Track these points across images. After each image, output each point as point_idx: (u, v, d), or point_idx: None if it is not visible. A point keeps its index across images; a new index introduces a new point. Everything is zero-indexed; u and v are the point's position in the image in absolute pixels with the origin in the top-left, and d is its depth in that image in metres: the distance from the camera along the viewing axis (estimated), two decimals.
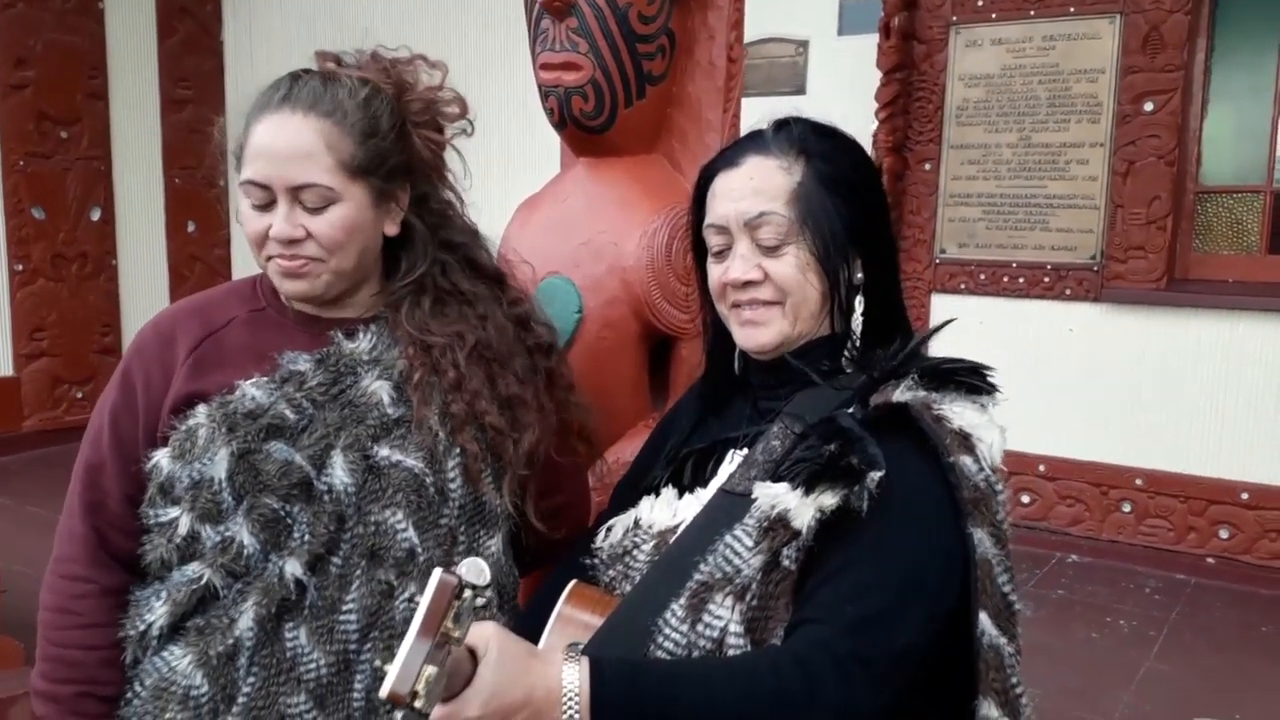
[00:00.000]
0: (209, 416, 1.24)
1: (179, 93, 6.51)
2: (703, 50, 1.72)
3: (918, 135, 4.49)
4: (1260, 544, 4.00)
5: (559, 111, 1.65)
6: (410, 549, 1.24)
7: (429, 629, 0.86)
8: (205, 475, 1.22)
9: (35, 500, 4.96)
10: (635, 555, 1.17)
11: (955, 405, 1.06)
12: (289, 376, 1.27)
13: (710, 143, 1.75)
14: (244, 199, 1.26)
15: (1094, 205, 4.18)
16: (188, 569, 1.23)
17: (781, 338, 1.17)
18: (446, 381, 1.31)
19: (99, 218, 6.12)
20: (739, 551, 1.02)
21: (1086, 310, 4.26)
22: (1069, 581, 4.06)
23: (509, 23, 5.22)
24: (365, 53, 1.34)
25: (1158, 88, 4.01)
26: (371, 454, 1.25)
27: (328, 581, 1.22)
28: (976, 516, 1.02)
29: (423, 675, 0.84)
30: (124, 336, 6.29)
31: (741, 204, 1.16)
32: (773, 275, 1.15)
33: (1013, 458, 4.34)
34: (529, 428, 1.36)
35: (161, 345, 1.31)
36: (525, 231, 1.77)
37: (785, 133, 1.19)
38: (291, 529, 1.22)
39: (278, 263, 1.26)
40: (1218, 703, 3.07)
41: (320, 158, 1.24)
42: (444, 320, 1.35)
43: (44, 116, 5.78)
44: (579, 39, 1.59)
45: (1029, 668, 3.16)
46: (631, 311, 1.65)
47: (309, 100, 1.25)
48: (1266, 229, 4.09)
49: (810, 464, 1.00)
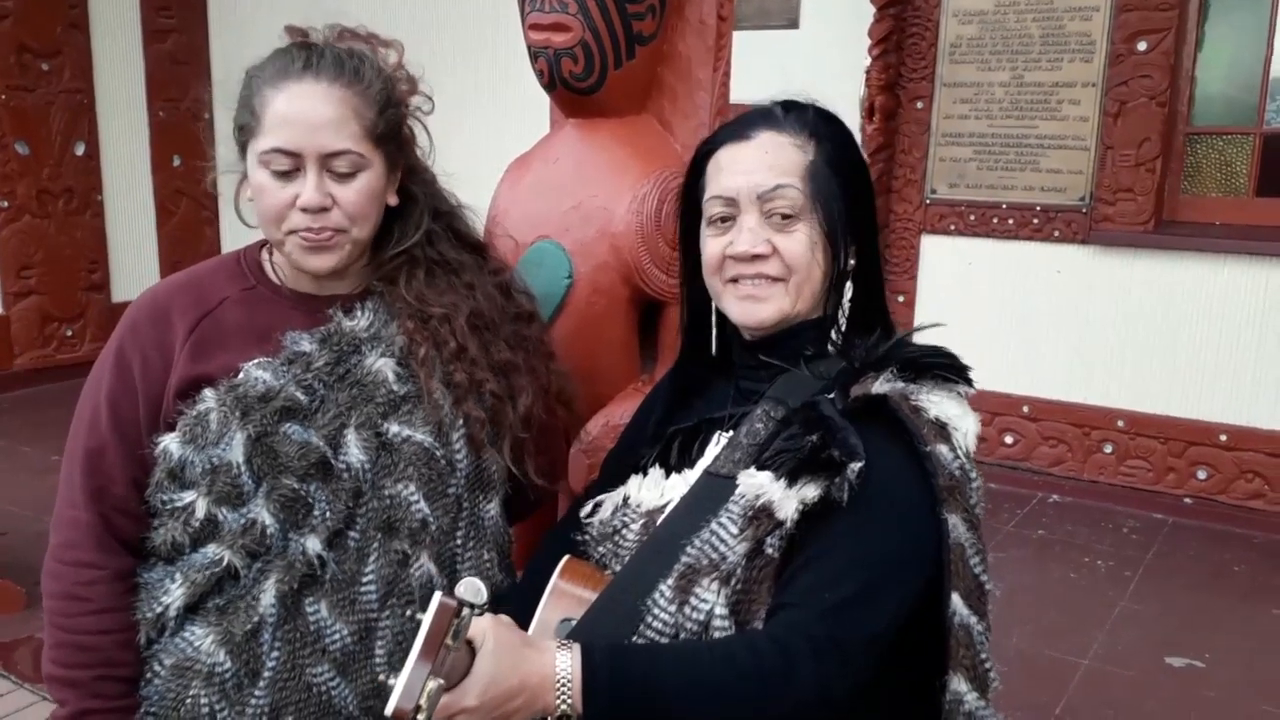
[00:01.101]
0: (219, 401, 1.26)
1: (161, 22, 6.39)
2: (693, 8, 1.71)
3: (911, 72, 4.45)
4: (1236, 484, 4.08)
5: (548, 73, 1.64)
6: (423, 519, 1.29)
7: (430, 650, 0.90)
8: (223, 460, 1.24)
9: (28, 439, 4.99)
10: (624, 534, 1.21)
11: (933, 395, 1.10)
12: (295, 358, 1.30)
13: (700, 101, 1.75)
14: (259, 170, 1.26)
15: (1084, 146, 4.17)
16: (206, 551, 1.25)
17: (781, 315, 1.19)
18: (448, 351, 1.35)
19: (83, 152, 6.04)
20: (724, 539, 1.06)
21: (1074, 252, 4.27)
22: (1049, 521, 4.14)
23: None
24: (334, 28, 1.35)
25: (1152, 26, 3.97)
26: (383, 431, 1.29)
27: (346, 555, 1.27)
28: (951, 503, 1.07)
29: (425, 691, 0.88)
30: (112, 273, 6.27)
31: (755, 176, 1.18)
32: (781, 250, 1.17)
33: (997, 398, 4.43)
34: (523, 391, 1.41)
35: (156, 326, 1.31)
36: (516, 193, 1.77)
37: (798, 113, 1.22)
38: (311, 507, 1.25)
39: (303, 236, 1.27)
40: (1189, 642, 3.16)
41: (350, 124, 1.27)
42: (437, 290, 1.38)
43: (24, 49, 5.67)
44: (568, 0, 1.58)
45: (1008, 606, 3.24)
46: (621, 277, 1.67)
47: (334, 70, 1.28)
48: (1255, 171, 4.09)
49: (793, 455, 1.04)
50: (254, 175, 1.28)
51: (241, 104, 1.30)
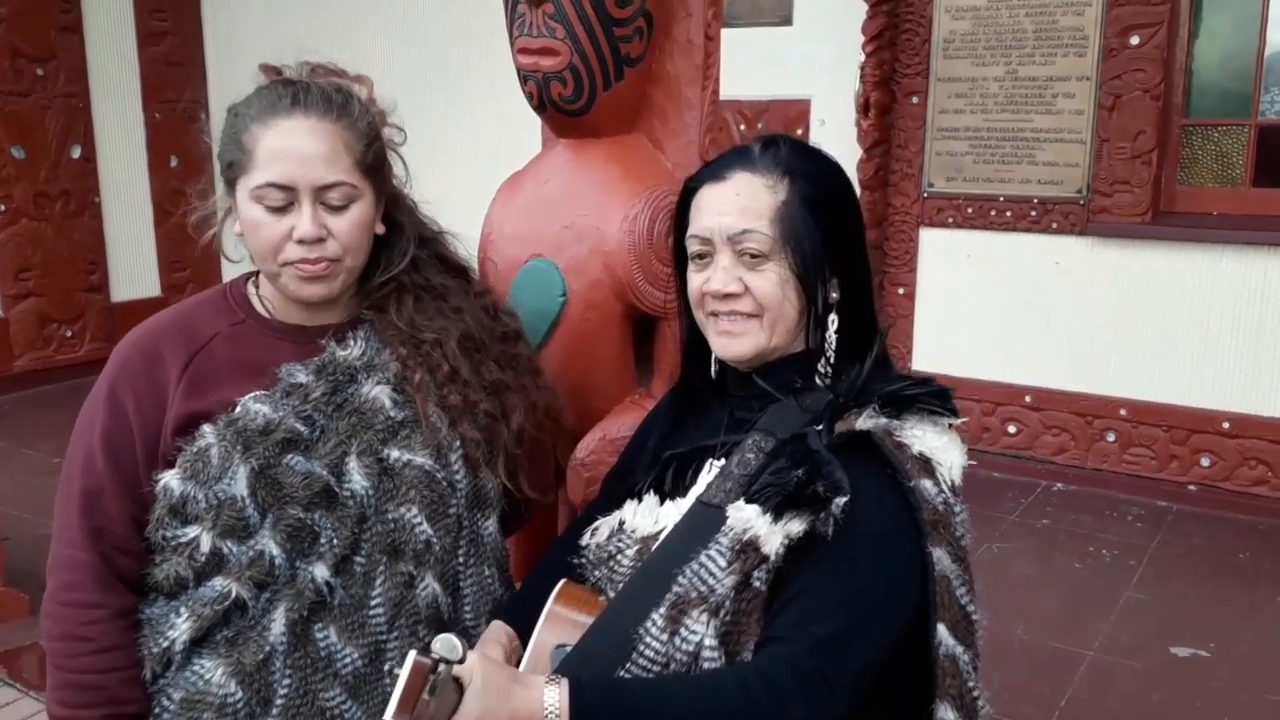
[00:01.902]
0: (218, 436, 1.27)
1: (155, 24, 6.38)
2: (680, 29, 1.71)
3: (905, 68, 4.44)
4: (1240, 471, 4.09)
5: (538, 95, 1.65)
6: (426, 540, 1.32)
7: (406, 707, 0.92)
8: (227, 494, 1.25)
9: (29, 442, 5.01)
10: (619, 560, 1.23)
11: (917, 429, 1.12)
12: (292, 389, 1.31)
13: (690, 120, 1.75)
14: (253, 206, 1.28)
15: (1080, 139, 4.17)
16: (213, 584, 1.26)
17: (757, 349, 1.22)
18: (441, 375, 1.37)
19: (80, 155, 6.05)
20: (713, 571, 1.08)
21: (1072, 243, 4.27)
22: (1054, 510, 4.16)
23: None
24: (305, 65, 1.38)
25: (1144, 21, 3.96)
26: (384, 456, 1.31)
27: (353, 580, 1.29)
28: (935, 536, 1.08)
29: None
30: (110, 274, 6.28)
31: (726, 219, 1.20)
32: (753, 289, 1.20)
33: (1000, 388, 4.44)
34: (515, 409, 1.44)
35: (148, 364, 1.32)
36: (508, 212, 1.78)
37: (772, 152, 1.23)
38: (318, 536, 1.27)
39: (299, 268, 1.29)
40: (1194, 632, 3.17)
41: (342, 157, 1.30)
42: (427, 315, 1.41)
43: (18, 54, 5.68)
44: (555, 24, 1.58)
45: (1013, 598, 3.26)
46: (614, 293, 1.68)
47: (323, 105, 1.31)
48: (1251, 162, 4.08)
49: (779, 489, 1.05)
50: (247, 210, 1.29)
51: (229, 141, 1.31)
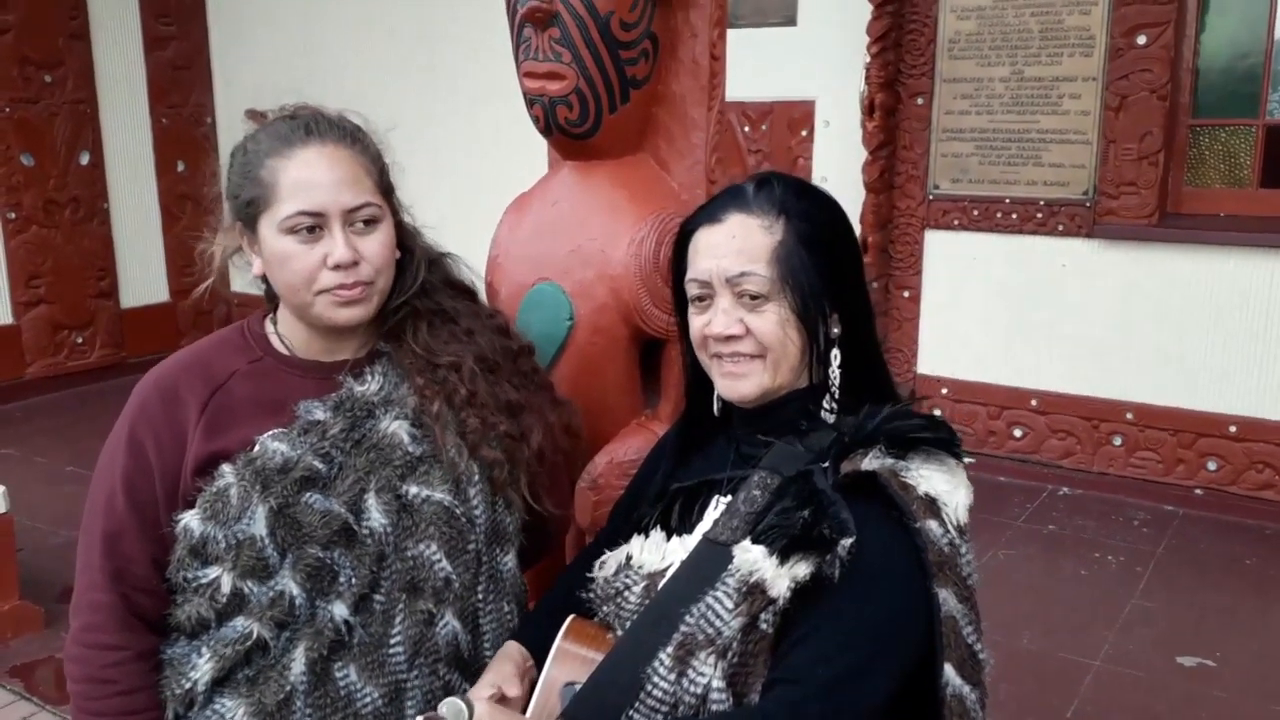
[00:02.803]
0: (237, 475, 1.27)
1: (161, 29, 6.41)
2: (686, 49, 1.71)
3: (910, 69, 4.43)
4: (1247, 475, 4.08)
5: (544, 119, 1.65)
6: (446, 577, 1.31)
7: None
8: (246, 534, 1.25)
9: (41, 449, 5.04)
10: (627, 596, 1.23)
11: (922, 470, 1.12)
12: (310, 427, 1.31)
13: (696, 140, 1.75)
14: (282, 239, 1.29)
15: (1086, 140, 4.16)
16: (235, 624, 1.27)
17: (762, 390, 1.22)
18: (459, 399, 1.37)
19: (88, 161, 6.08)
20: (720, 613, 1.08)
21: (1079, 245, 4.27)
22: (1059, 515, 4.15)
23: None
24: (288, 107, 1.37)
25: (1151, 20, 3.95)
26: (402, 493, 1.31)
27: (372, 618, 1.29)
28: (941, 577, 1.09)
29: None
30: (120, 279, 6.31)
31: (724, 261, 1.21)
32: (754, 330, 1.20)
33: (1005, 391, 4.44)
34: (533, 429, 1.44)
35: (167, 405, 1.33)
36: (516, 235, 1.79)
37: (766, 192, 1.23)
38: (337, 574, 1.27)
39: (336, 294, 1.30)
40: (1200, 641, 3.17)
41: (363, 180, 1.32)
42: (441, 340, 1.41)
43: (26, 61, 5.70)
44: (562, 49, 1.59)
45: (1019, 606, 3.26)
46: (621, 317, 1.68)
47: (336, 133, 1.32)
48: (1259, 162, 4.07)
49: (785, 531, 1.06)
50: (275, 245, 1.29)
51: (243, 179, 1.31)
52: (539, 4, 1.55)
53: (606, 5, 1.57)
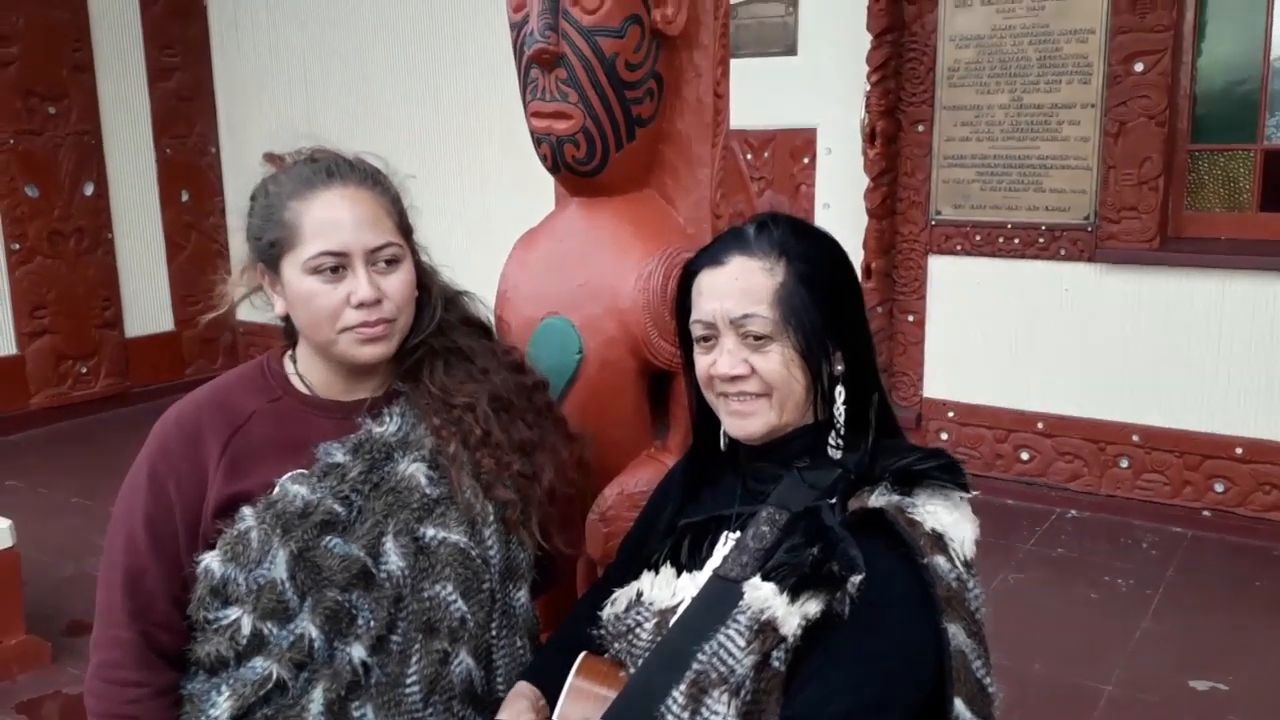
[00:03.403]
0: (258, 519, 1.28)
1: (165, 60, 6.46)
2: (690, 88, 1.73)
3: (910, 97, 4.47)
4: (1254, 497, 4.08)
5: (552, 158, 1.67)
6: (461, 617, 1.32)
7: None
8: (267, 578, 1.26)
9: (45, 481, 5.04)
10: (638, 633, 1.24)
11: (929, 505, 1.13)
12: (329, 469, 1.33)
13: (701, 176, 1.77)
14: (306, 279, 1.30)
15: (1086, 166, 4.19)
16: (255, 665, 1.27)
17: (768, 428, 1.24)
18: (474, 439, 1.39)
19: (92, 192, 6.11)
20: (732, 651, 1.09)
21: (1081, 270, 4.29)
22: (1068, 538, 4.15)
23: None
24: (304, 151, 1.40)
25: (1148, 48, 3.99)
26: (420, 535, 1.33)
27: (389, 659, 1.30)
28: (950, 612, 1.10)
29: None
30: (124, 309, 6.33)
31: (727, 303, 1.22)
32: (759, 370, 1.21)
33: (1012, 415, 4.45)
34: (544, 468, 1.45)
35: (188, 444, 1.34)
36: (524, 270, 1.80)
37: (766, 234, 1.25)
38: (355, 617, 1.28)
39: (359, 332, 1.32)
40: (1212, 664, 3.17)
41: (384, 220, 1.34)
42: (457, 380, 1.43)
43: (31, 93, 5.75)
44: (568, 89, 1.61)
45: (1030, 631, 3.26)
46: (629, 350, 1.69)
47: (357, 175, 1.35)
48: (1258, 186, 4.10)
49: (795, 568, 1.07)
50: (299, 285, 1.31)
51: (265, 222, 1.33)
52: (546, 46, 1.57)
53: (612, 47, 1.58)
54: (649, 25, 1.63)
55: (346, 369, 1.39)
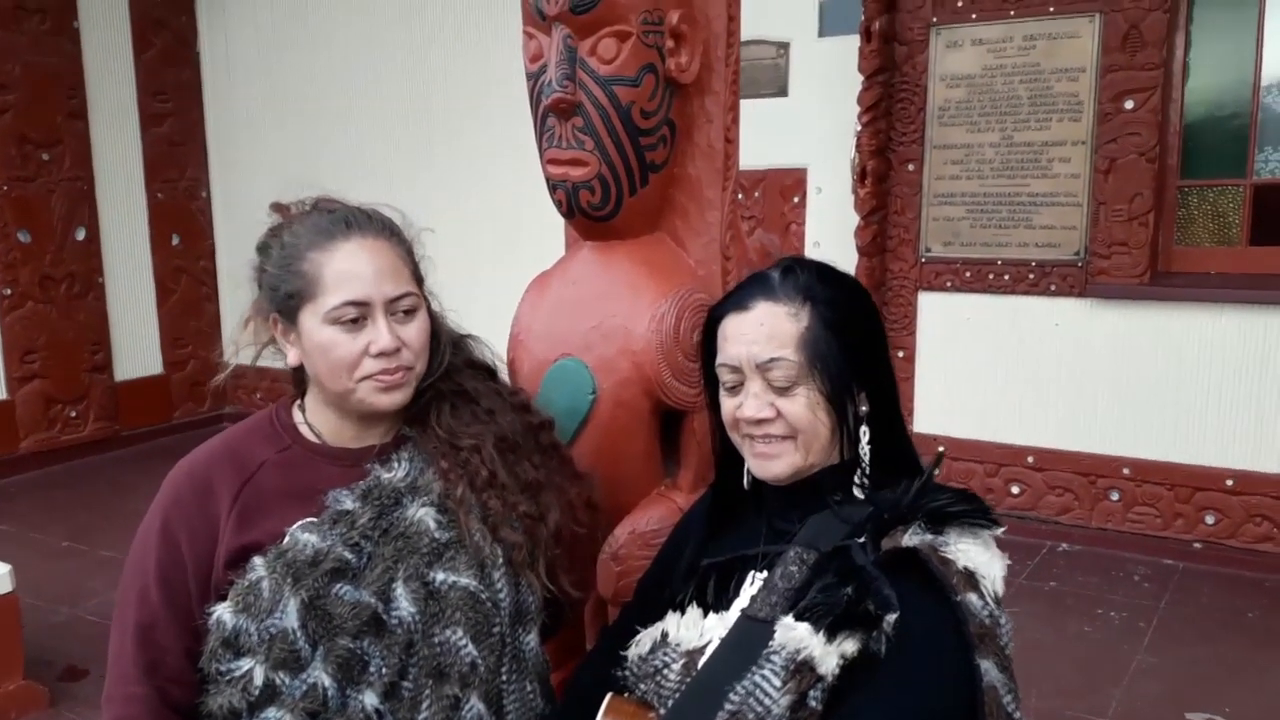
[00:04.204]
0: (269, 569, 1.28)
1: (157, 106, 6.50)
2: (701, 134, 1.77)
3: (901, 136, 4.54)
4: (1245, 528, 4.12)
5: (567, 203, 1.70)
6: (472, 662, 1.32)
7: None
8: (279, 628, 1.26)
9: (37, 525, 5.00)
10: (666, 674, 1.24)
11: (960, 544, 1.15)
12: (339, 517, 1.33)
13: (711, 219, 1.80)
14: (325, 328, 1.32)
15: (1076, 202, 4.25)
16: (267, 716, 1.27)
17: (794, 469, 1.25)
18: (480, 481, 1.39)
19: (84, 237, 6.13)
20: (769, 691, 1.10)
21: (1072, 305, 4.34)
22: (1060, 572, 4.17)
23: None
24: (309, 200, 1.42)
25: (1138, 85, 4.07)
26: (430, 580, 1.32)
27: (400, 705, 1.29)
28: (982, 649, 1.11)
29: None
30: (114, 353, 6.32)
31: (754, 348, 1.24)
32: (785, 413, 1.23)
33: (1002, 449, 4.48)
34: (551, 508, 1.45)
35: (199, 496, 1.34)
36: (537, 313, 1.82)
37: (791, 280, 1.27)
38: (367, 664, 1.28)
39: (379, 379, 1.33)
40: (1208, 695, 3.18)
41: (402, 270, 1.36)
42: (463, 422, 1.44)
43: (25, 140, 5.77)
44: (585, 137, 1.64)
45: (1025, 665, 3.25)
46: (643, 391, 1.71)
47: (375, 227, 1.37)
48: (1247, 221, 4.17)
49: (830, 608, 1.08)
50: (318, 335, 1.32)
51: (283, 272, 1.34)
52: (564, 95, 1.60)
53: (628, 95, 1.62)
54: (663, 73, 1.66)
55: (357, 417, 1.39)
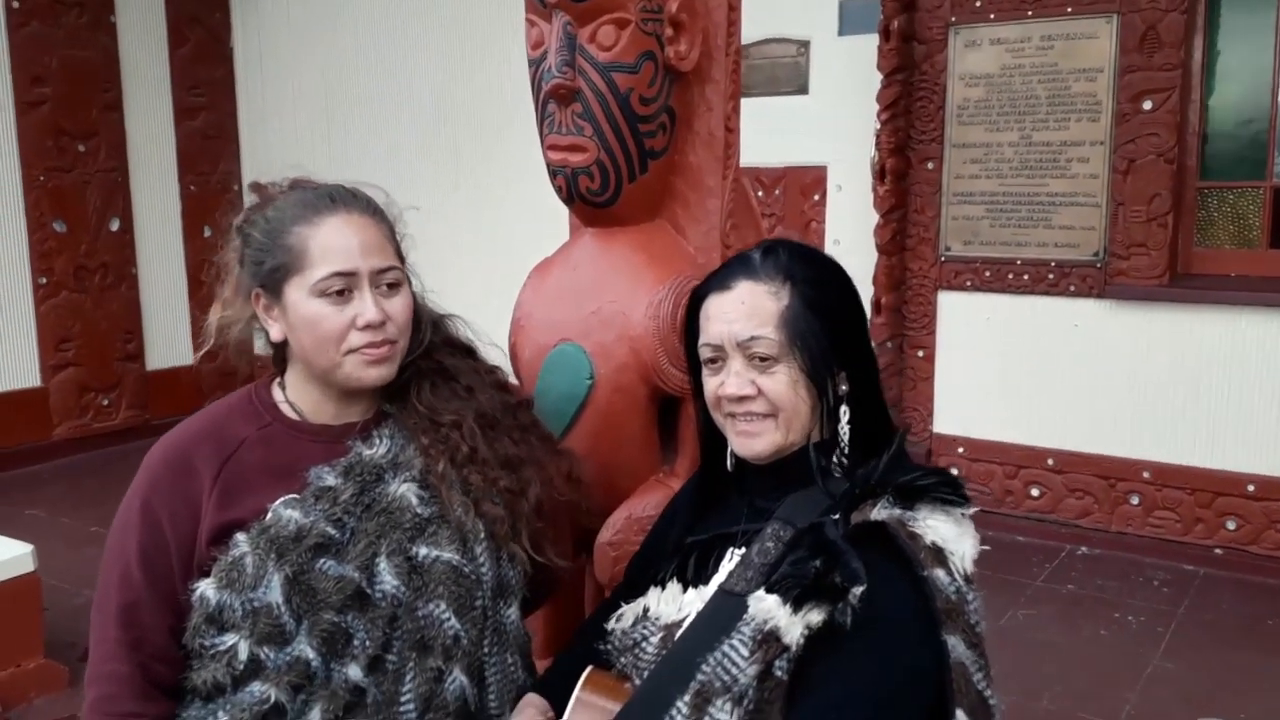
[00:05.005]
0: (252, 544, 1.30)
1: (191, 100, 6.60)
2: (701, 122, 1.79)
3: (920, 135, 4.53)
4: (1267, 535, 4.08)
5: (566, 189, 1.72)
6: (455, 635, 1.34)
7: None
8: (263, 602, 1.27)
9: (67, 510, 5.10)
10: (644, 647, 1.27)
11: (930, 520, 1.16)
12: (321, 493, 1.34)
13: (711, 207, 1.82)
14: (312, 301, 1.33)
15: (1095, 203, 4.23)
16: (252, 689, 1.28)
17: (775, 447, 1.27)
18: (461, 456, 1.41)
19: (118, 228, 6.23)
20: (736, 661, 1.12)
21: (1091, 306, 4.32)
22: (1079, 575, 4.15)
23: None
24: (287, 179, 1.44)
25: (1156, 86, 4.04)
26: (413, 554, 1.34)
27: (385, 677, 1.31)
28: (949, 624, 1.12)
29: None
30: (146, 343, 6.43)
31: (735, 325, 1.27)
32: (766, 391, 1.26)
33: (1022, 451, 4.47)
34: (531, 482, 1.47)
35: (180, 477, 1.35)
36: (538, 299, 1.85)
37: (773, 259, 1.29)
38: (351, 637, 1.30)
39: (365, 353, 1.35)
40: (1223, 702, 3.15)
41: (387, 245, 1.39)
42: (442, 398, 1.46)
43: (61, 131, 5.88)
44: (584, 123, 1.67)
45: (1039, 667, 3.25)
46: (640, 377, 1.73)
47: (360, 204, 1.39)
48: (1267, 223, 4.14)
49: (798, 580, 1.10)
50: (305, 307, 1.34)
51: (269, 246, 1.36)
52: (563, 81, 1.63)
53: (626, 82, 1.65)
54: (662, 61, 1.69)
55: (338, 393, 1.41)
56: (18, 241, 5.81)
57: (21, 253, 5.83)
